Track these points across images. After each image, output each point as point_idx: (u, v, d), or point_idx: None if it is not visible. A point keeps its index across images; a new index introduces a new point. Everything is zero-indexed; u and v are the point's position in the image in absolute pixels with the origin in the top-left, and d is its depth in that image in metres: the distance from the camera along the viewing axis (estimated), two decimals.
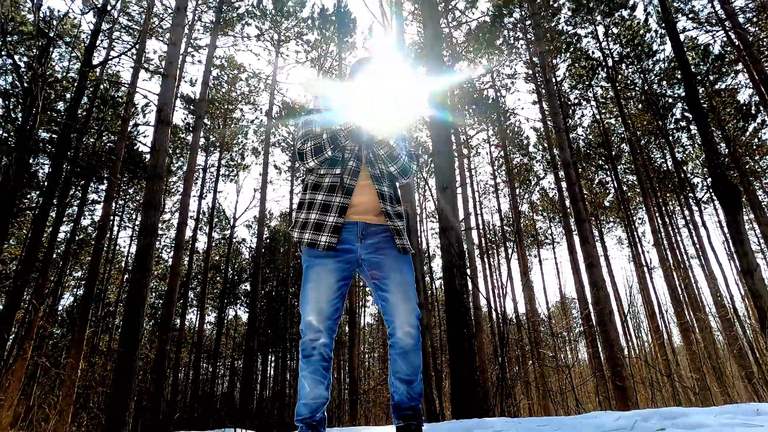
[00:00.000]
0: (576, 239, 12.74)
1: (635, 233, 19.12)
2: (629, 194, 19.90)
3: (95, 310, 17.74)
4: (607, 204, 21.53)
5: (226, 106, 19.74)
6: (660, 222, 16.43)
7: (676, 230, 19.26)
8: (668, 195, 18.69)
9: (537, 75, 15.76)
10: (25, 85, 8.98)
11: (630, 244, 19.43)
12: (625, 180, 19.62)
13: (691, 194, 16.67)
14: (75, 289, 21.13)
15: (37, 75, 7.72)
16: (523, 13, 15.25)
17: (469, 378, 5.27)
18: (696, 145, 17.08)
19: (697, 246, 16.61)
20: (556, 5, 15.64)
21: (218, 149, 20.73)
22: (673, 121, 16.63)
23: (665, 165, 18.21)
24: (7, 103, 13.31)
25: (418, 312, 1.79)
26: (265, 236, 22.68)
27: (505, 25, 15.32)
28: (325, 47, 18.38)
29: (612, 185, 19.85)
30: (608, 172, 19.22)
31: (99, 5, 9.96)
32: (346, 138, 1.89)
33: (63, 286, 17.05)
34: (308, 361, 1.76)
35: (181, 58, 15.58)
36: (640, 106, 16.86)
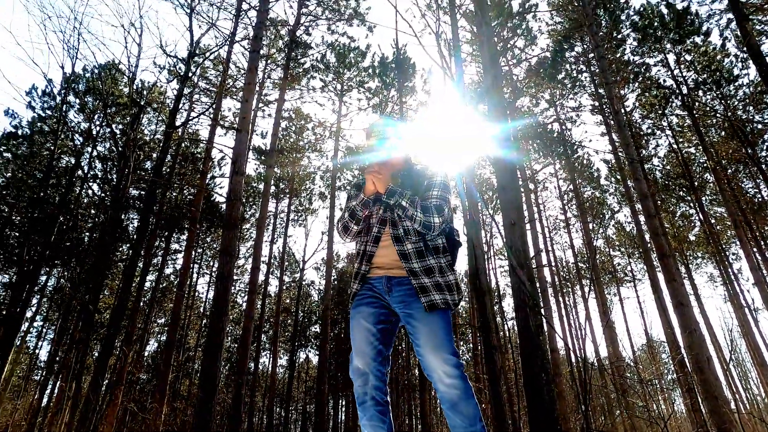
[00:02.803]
0: (660, 276, 11.81)
1: (730, 270, 17.41)
2: (718, 227, 18.30)
3: (177, 356, 18.64)
4: (692, 238, 19.91)
5: (294, 155, 20.73)
6: (759, 258, 14.88)
7: None
8: (766, 228, 16.99)
9: (604, 106, 15.25)
10: (120, 149, 9.97)
11: (724, 282, 17.70)
12: (712, 212, 18.12)
13: None
14: (159, 336, 22.41)
15: (129, 140, 8.56)
16: (585, 46, 15.00)
17: (550, 428, 4.90)
18: None
19: None
20: (620, 36, 15.25)
21: (287, 195, 21.66)
22: (764, 147, 15.29)
23: (760, 195, 16.66)
24: (105, 166, 14.82)
25: (453, 360, 1.69)
26: (333, 278, 23.06)
27: (567, 59, 15.10)
28: (386, 93, 18.96)
29: (697, 218, 18.40)
30: (691, 204, 17.87)
31: (182, 73, 10.99)
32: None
33: (148, 333, 18.15)
34: (363, 408, 1.76)
35: (253, 113, 16.70)
36: (723, 133, 15.73)
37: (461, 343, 24.97)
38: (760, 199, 16.45)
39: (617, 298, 23.87)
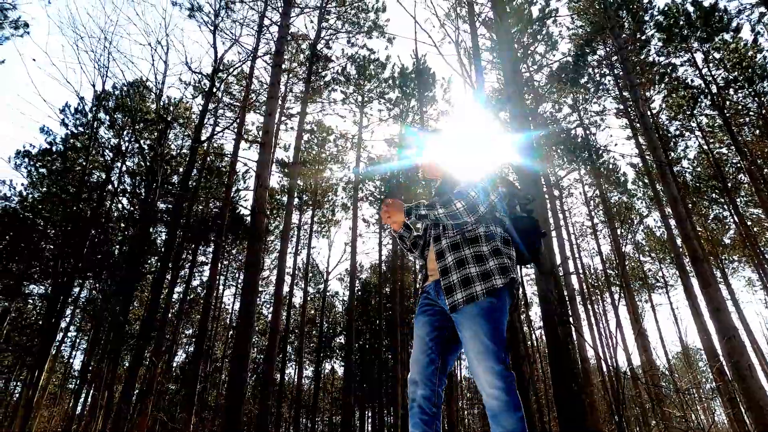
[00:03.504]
0: (694, 282, 11.41)
1: None
2: (756, 229, 17.63)
3: (204, 366, 18.89)
4: (727, 241, 19.23)
5: (316, 167, 20.94)
6: None
7: None
8: None
9: (629, 109, 14.95)
10: (148, 164, 10.25)
11: (764, 286, 17.00)
12: (747, 214, 17.48)
13: None
14: (187, 346, 22.77)
15: (157, 155, 8.79)
16: (607, 49, 14.78)
17: None
18: None
19: None
20: (644, 37, 14.96)
21: (311, 207, 21.86)
22: None
23: None
24: (133, 181, 15.26)
25: (498, 368, 1.63)
26: (356, 289, 23.08)
27: (589, 63, 14.88)
28: (407, 103, 19.03)
29: (732, 220, 17.78)
30: (725, 206, 17.27)
31: (206, 89, 11.27)
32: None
33: (177, 344, 18.45)
34: (411, 413, 1.79)
35: (276, 126, 16.97)
36: (757, 132, 15.21)
37: None
38: None
39: (649, 305, 23.17)
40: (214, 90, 12.55)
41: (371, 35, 16.66)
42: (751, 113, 14.59)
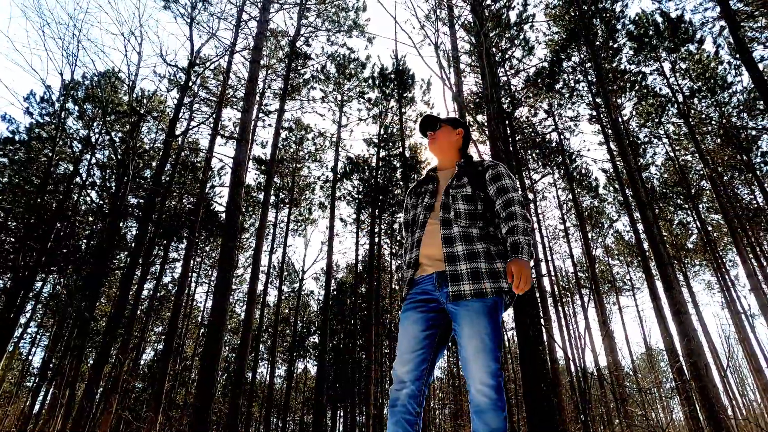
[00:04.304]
0: (658, 285, 11.80)
1: (726, 277, 17.44)
2: (715, 234, 18.36)
3: (173, 365, 18.51)
4: (690, 246, 19.95)
5: (294, 165, 20.78)
6: (755, 264, 14.91)
7: None
8: (762, 234, 17.04)
9: (602, 116, 15.35)
10: (119, 157, 10.01)
11: (722, 289, 17.71)
12: (708, 219, 18.19)
13: None
14: (156, 344, 22.27)
15: (129, 148, 8.59)
16: (582, 55, 15.13)
17: None
18: None
19: None
20: (616, 46, 15.40)
21: (287, 205, 21.68)
22: (759, 154, 15.40)
23: (755, 201, 16.74)
24: (104, 174, 14.85)
25: (494, 368, 1.63)
26: (332, 288, 23.00)
27: (564, 69, 15.22)
28: (386, 104, 19.08)
29: (694, 225, 18.47)
30: (689, 212, 17.94)
31: (182, 82, 11.06)
32: (424, 194, 2.06)
33: (145, 341, 18.04)
34: (393, 411, 1.72)
35: (253, 123, 16.77)
36: (719, 140, 15.84)
37: None
38: (755, 206, 16.52)
39: (616, 307, 23.85)
40: (190, 84, 12.32)
41: (351, 34, 16.65)
42: (713, 122, 15.19)
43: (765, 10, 12.63)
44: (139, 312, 15.02)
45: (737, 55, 12.84)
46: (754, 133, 14.79)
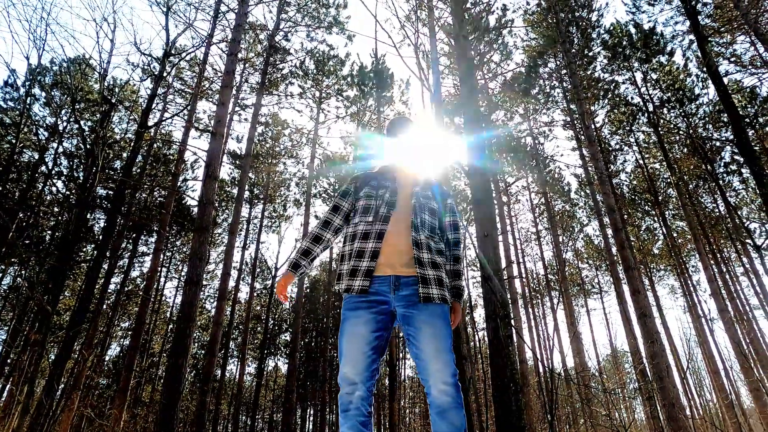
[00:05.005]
0: (625, 288, 12.16)
1: (689, 282, 18.09)
2: (680, 241, 19.01)
3: (140, 361, 18.08)
4: (656, 251, 20.60)
5: (270, 160, 20.55)
6: (716, 270, 15.51)
7: (735, 278, 18.12)
8: (722, 241, 17.73)
9: (575, 122, 15.70)
10: (88, 146, 9.70)
11: (684, 294, 18.35)
12: (674, 226, 18.82)
13: (748, 240, 15.74)
14: (122, 339, 21.70)
15: (98, 137, 8.34)
16: (558, 62, 15.43)
17: None
18: (750, 189, 16.30)
19: (761, 296, 15.48)
20: (591, 54, 15.76)
21: (262, 201, 21.42)
22: (722, 164, 16.02)
23: (717, 210, 17.41)
24: (71, 163, 14.37)
25: (453, 368, 1.70)
26: (305, 286, 22.84)
27: (541, 75, 15.50)
28: (364, 102, 19.04)
29: (661, 231, 19.09)
30: (656, 218, 18.52)
31: (156, 72, 10.79)
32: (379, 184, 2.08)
33: (111, 337, 17.56)
34: (346, 415, 1.71)
35: (229, 116, 16.51)
36: (685, 150, 16.41)
37: None
38: (717, 214, 17.18)
39: (584, 309, 24.43)
40: (165, 74, 12.02)
41: (331, 31, 16.56)
42: (680, 132, 15.72)
43: (730, 27, 13.16)
44: (105, 306, 14.61)
45: (704, 69, 13.32)
46: (718, 144, 15.37)
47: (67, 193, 14.06)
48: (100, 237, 12.93)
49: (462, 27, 8.34)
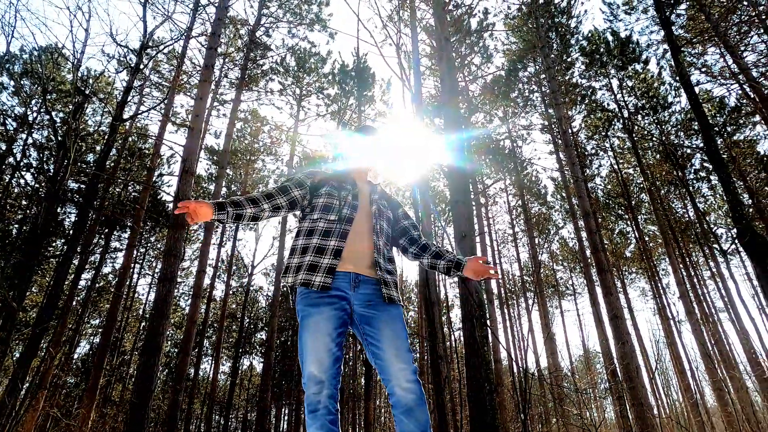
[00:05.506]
0: (598, 290, 12.42)
1: (659, 284, 18.59)
2: (651, 244, 19.52)
3: (110, 359, 17.66)
4: (628, 254, 21.10)
5: (248, 157, 20.31)
6: (684, 273, 15.98)
7: (702, 282, 18.69)
8: (691, 246, 18.27)
9: (553, 126, 15.96)
10: (60, 138, 9.42)
11: (654, 296, 18.85)
12: (646, 230, 19.32)
13: (716, 245, 16.26)
14: (92, 337, 21.16)
15: (71, 129, 8.10)
16: (537, 67, 15.67)
17: None
18: (718, 196, 16.84)
19: (726, 299, 16.02)
20: (569, 60, 16.05)
21: None
22: (692, 171, 16.53)
23: (687, 215, 17.94)
24: (41, 155, 13.94)
25: (414, 365, 1.74)
26: (282, 284, 22.62)
27: (520, 79, 15.71)
28: (345, 101, 18.97)
29: (633, 235, 19.57)
30: (628, 222, 18.97)
31: (132, 64, 10.55)
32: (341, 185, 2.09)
33: (80, 334, 17.09)
34: (314, 416, 1.70)
35: (207, 111, 16.24)
36: (658, 156, 16.85)
37: None
38: (687, 219, 17.70)
39: (558, 310, 24.88)
40: (141, 67, 11.75)
41: (313, 28, 16.45)
42: (654, 139, 16.15)
43: (701, 38, 13.58)
44: (74, 303, 14.20)
45: (677, 78, 13.72)
46: (689, 151, 15.84)
47: (37, 185, 13.63)
48: (71, 231, 12.58)
49: (444, 28, 8.39)
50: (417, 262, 2.17)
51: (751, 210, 13.59)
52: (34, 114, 13.64)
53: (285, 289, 1.99)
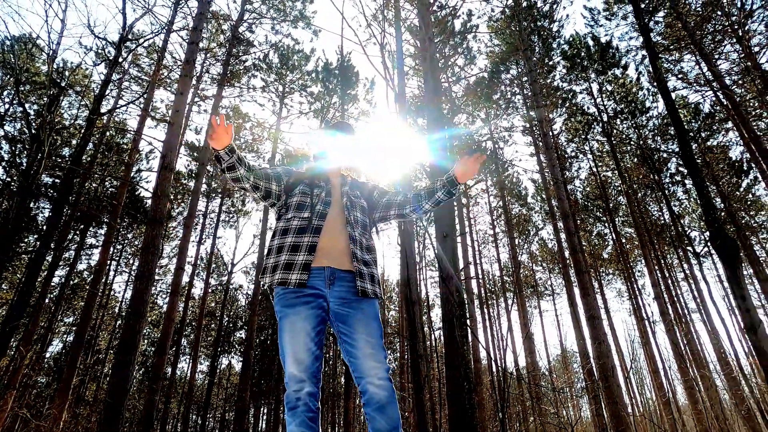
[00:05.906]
0: (576, 291, 12.62)
1: (635, 285, 18.99)
2: (628, 246, 19.92)
3: (84, 358, 17.27)
4: (605, 256, 21.50)
5: None
6: (659, 275, 16.36)
7: (676, 283, 19.15)
8: (666, 248, 18.70)
9: (534, 128, 16.16)
10: (33, 131, 9.17)
11: (630, 297, 19.25)
12: (623, 232, 19.71)
13: (689, 248, 16.67)
14: (65, 336, 20.66)
15: (45, 122, 7.90)
16: (519, 70, 15.84)
17: None
18: (692, 199, 17.27)
19: (698, 300, 16.45)
20: (551, 63, 16.27)
21: (220, 195, 20.89)
22: (668, 175, 16.92)
23: (663, 218, 18.36)
24: (13, 148, 13.55)
25: (387, 365, 1.75)
26: (261, 283, 22.43)
27: (503, 81, 15.86)
28: (328, 99, 18.90)
29: (610, 237, 19.94)
30: (606, 224, 19.33)
31: (111, 57, 10.33)
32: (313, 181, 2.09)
33: (53, 332, 16.68)
34: (294, 413, 1.71)
35: (188, 107, 16.00)
36: (635, 159, 17.21)
37: (389, 352, 25.16)
38: (662, 222, 18.11)
39: (537, 310, 25.21)
40: (120, 60, 11.51)
41: (297, 25, 16.34)
42: (632, 143, 16.49)
43: (678, 45, 13.91)
44: (47, 301, 13.85)
45: (655, 84, 14.04)
46: (665, 155, 16.21)
47: (8, 179, 13.24)
48: (45, 227, 12.27)
49: (428, 29, 8.42)
50: (421, 213, 2.10)
51: (723, 214, 13.98)
52: (6, 105, 13.24)
53: (264, 288, 1.98)
